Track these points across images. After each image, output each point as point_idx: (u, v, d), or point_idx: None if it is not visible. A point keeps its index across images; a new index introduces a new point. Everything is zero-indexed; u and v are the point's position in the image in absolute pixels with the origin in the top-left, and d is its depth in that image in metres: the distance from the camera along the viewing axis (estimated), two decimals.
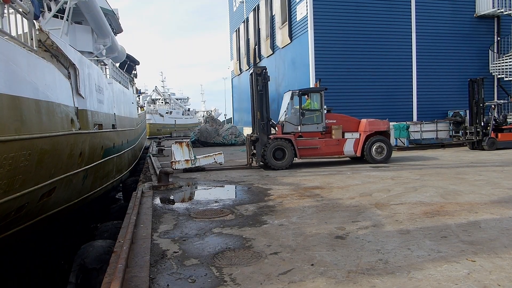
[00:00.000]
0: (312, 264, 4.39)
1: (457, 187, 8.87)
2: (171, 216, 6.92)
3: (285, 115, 14.09)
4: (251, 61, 29.27)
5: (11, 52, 5.94)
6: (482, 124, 17.34)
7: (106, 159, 11.37)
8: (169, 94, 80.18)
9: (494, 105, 18.00)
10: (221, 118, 69.17)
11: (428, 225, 5.87)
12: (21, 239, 6.90)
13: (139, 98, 33.57)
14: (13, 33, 6.87)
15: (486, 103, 18.07)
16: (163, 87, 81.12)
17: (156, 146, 26.13)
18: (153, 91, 76.94)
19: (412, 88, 20.96)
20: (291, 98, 13.99)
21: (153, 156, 19.26)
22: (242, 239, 5.40)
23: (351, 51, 19.81)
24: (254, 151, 13.59)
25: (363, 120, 14.13)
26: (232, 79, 39.10)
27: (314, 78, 19.15)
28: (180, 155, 13.35)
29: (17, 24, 7.05)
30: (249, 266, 4.40)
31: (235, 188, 9.99)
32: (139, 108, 28.63)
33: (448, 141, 20.48)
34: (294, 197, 8.26)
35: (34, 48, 7.38)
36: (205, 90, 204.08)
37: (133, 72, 28.13)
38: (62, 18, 13.43)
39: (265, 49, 26.40)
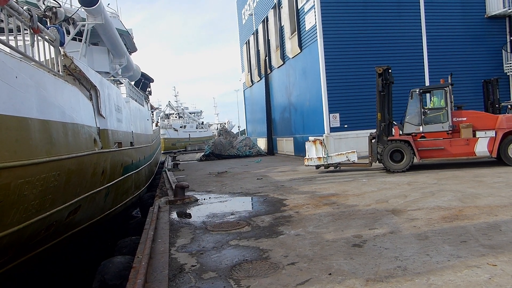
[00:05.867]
0: (330, 273, 4.38)
1: (476, 190, 8.73)
2: (188, 230, 6.98)
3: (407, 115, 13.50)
4: (262, 72, 29.47)
5: (41, 79, 6.24)
6: None
7: (125, 176, 11.55)
8: (182, 109, 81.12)
9: (511, 105, 17.69)
10: (235, 130, 69.49)
11: (446, 230, 5.79)
12: (47, 257, 7.04)
13: (153, 114, 34.02)
14: (41, 59, 7.20)
15: (502, 104, 17.74)
16: (176, 101, 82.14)
17: (172, 161, 26.37)
18: (167, 106, 77.93)
19: None
20: (411, 97, 13.26)
21: (168, 170, 19.44)
22: (259, 251, 5.41)
23: (362, 57, 19.78)
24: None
25: (500, 116, 12.86)
26: (244, 91, 39.33)
27: (326, 86, 19.17)
28: (314, 152, 13.81)
29: (45, 51, 7.44)
30: (266, 277, 4.41)
31: (251, 199, 10.01)
32: (153, 124, 28.99)
33: None
34: (310, 206, 8.25)
35: (60, 73, 7.71)
36: (218, 102, 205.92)
37: (147, 89, 28.59)
38: (79, 40, 13.81)
39: (275, 60, 26.57)
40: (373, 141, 13.63)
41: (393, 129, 13.45)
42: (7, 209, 5.05)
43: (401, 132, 13.43)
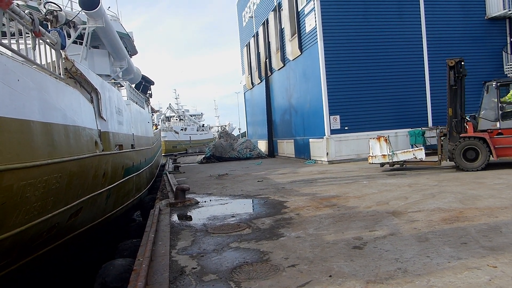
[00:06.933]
0: (330, 276, 4.39)
1: (476, 192, 8.73)
2: (188, 232, 6.99)
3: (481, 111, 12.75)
4: (263, 74, 29.51)
5: (42, 81, 6.30)
6: None
7: (126, 178, 11.58)
8: (183, 111, 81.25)
9: None
10: (235, 133, 69.60)
11: (447, 231, 5.80)
12: (49, 259, 7.06)
13: (153, 117, 34.13)
14: (43, 62, 7.26)
15: None
16: (177, 104, 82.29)
17: (172, 163, 26.38)
18: (167, 108, 78.06)
19: (426, 93, 20.78)
20: (487, 91, 12.42)
21: (169, 173, 19.44)
22: (259, 253, 5.42)
23: (362, 59, 19.81)
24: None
25: None
26: (244, 93, 39.35)
27: (326, 88, 19.19)
28: (378, 150, 13.49)
29: (46, 54, 7.50)
30: (267, 279, 4.41)
31: (252, 202, 10.02)
32: (154, 127, 29.07)
33: None
34: (311, 208, 8.25)
35: (61, 76, 7.77)
36: (218, 104, 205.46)
37: (148, 92, 28.66)
38: (80, 43, 13.86)
39: (276, 62, 26.61)
40: (442, 138, 13.03)
41: (466, 125, 12.71)
42: (10, 210, 5.10)
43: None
